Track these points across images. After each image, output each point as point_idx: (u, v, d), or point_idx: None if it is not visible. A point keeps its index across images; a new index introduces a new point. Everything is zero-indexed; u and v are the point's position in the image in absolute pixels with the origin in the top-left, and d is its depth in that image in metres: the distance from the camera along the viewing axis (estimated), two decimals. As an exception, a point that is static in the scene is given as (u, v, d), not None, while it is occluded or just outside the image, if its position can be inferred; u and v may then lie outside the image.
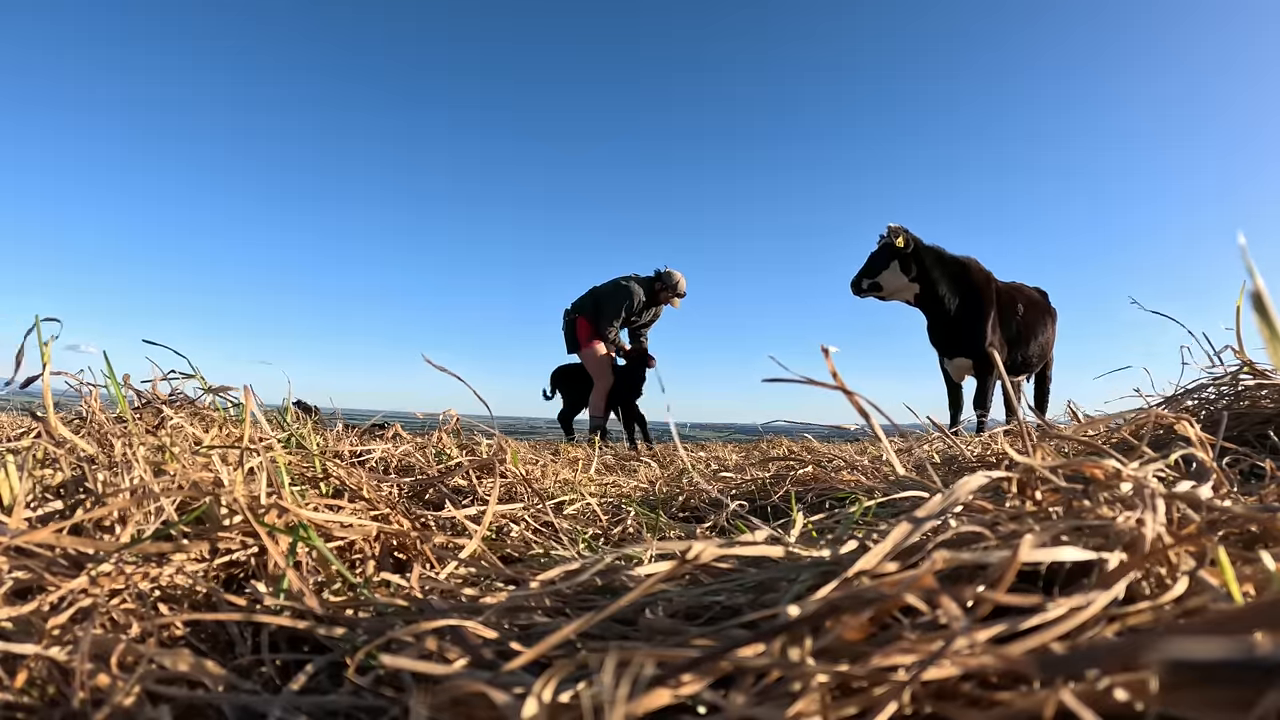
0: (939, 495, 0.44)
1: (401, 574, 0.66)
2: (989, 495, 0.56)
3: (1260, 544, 0.42)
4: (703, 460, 2.26)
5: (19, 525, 0.53)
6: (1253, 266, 0.30)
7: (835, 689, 0.32)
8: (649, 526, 1.07)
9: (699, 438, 5.63)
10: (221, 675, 0.41)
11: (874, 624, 0.35)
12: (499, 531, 0.91)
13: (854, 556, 0.45)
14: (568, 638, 0.35)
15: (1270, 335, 0.28)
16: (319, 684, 0.44)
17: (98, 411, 0.86)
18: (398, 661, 0.35)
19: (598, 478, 1.69)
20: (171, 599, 0.54)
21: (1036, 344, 4.38)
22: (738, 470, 1.77)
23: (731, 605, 0.46)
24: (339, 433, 1.51)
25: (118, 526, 0.59)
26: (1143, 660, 0.25)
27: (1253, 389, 1.02)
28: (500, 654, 0.42)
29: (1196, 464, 0.61)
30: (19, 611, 0.45)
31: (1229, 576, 0.35)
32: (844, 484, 1.13)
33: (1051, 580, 0.41)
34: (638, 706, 0.30)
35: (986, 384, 4.14)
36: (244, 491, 0.64)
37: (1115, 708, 0.27)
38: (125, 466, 0.68)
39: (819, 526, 0.73)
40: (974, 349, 4.10)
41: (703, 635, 0.38)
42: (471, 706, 0.34)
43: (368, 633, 0.46)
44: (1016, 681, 0.32)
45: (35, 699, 0.40)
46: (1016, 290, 4.41)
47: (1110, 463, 0.47)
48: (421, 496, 1.08)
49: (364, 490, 0.83)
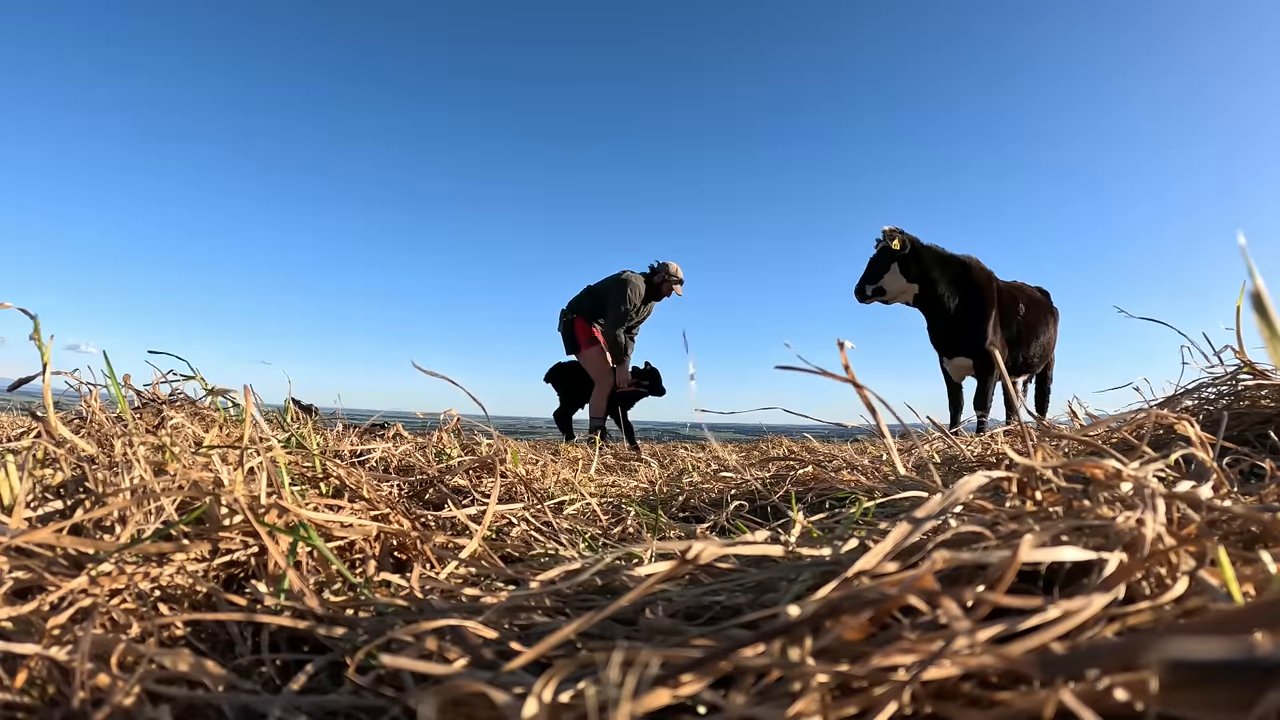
0: (939, 495, 0.44)
1: (401, 574, 0.66)
2: (989, 495, 0.56)
3: (1260, 544, 0.42)
4: (703, 460, 2.26)
5: (19, 525, 0.53)
6: (1253, 266, 0.30)
7: (835, 689, 0.32)
8: (649, 526, 1.07)
9: (699, 438, 5.64)
10: (221, 675, 0.41)
11: (874, 624, 0.35)
12: (499, 531, 0.91)
13: (854, 556, 0.45)
14: (568, 638, 0.35)
15: (1270, 335, 0.28)
16: (319, 684, 0.44)
17: (98, 411, 0.86)
18: (398, 661, 0.35)
19: (598, 478, 1.69)
20: (171, 599, 0.54)
21: (1038, 344, 4.36)
22: (738, 470, 1.77)
23: (731, 605, 0.46)
24: (339, 433, 1.51)
25: (118, 526, 0.59)
26: (1143, 660, 0.25)
27: (1252, 389, 1.02)
28: (500, 654, 0.42)
29: (1196, 464, 0.61)
30: (19, 611, 0.45)
31: (1229, 576, 0.35)
32: (844, 484, 1.13)
33: (1052, 580, 0.41)
34: (640, 705, 0.30)
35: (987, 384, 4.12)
36: (244, 491, 0.64)
37: (1115, 708, 0.27)
38: (125, 466, 0.68)
39: (819, 526, 0.73)
40: (975, 348, 4.08)
41: (703, 635, 0.38)
42: (471, 706, 0.34)
43: (368, 633, 0.46)
44: (1016, 681, 0.32)
45: (35, 699, 0.40)
46: (1018, 290, 4.40)
47: (1110, 463, 0.47)
48: (421, 496, 1.08)
49: (364, 490, 0.83)
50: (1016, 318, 4.24)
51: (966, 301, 4.12)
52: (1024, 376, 4.57)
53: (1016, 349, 4.27)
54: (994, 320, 4.11)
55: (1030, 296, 4.45)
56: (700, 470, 1.86)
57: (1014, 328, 4.23)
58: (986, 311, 4.09)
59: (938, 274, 4.09)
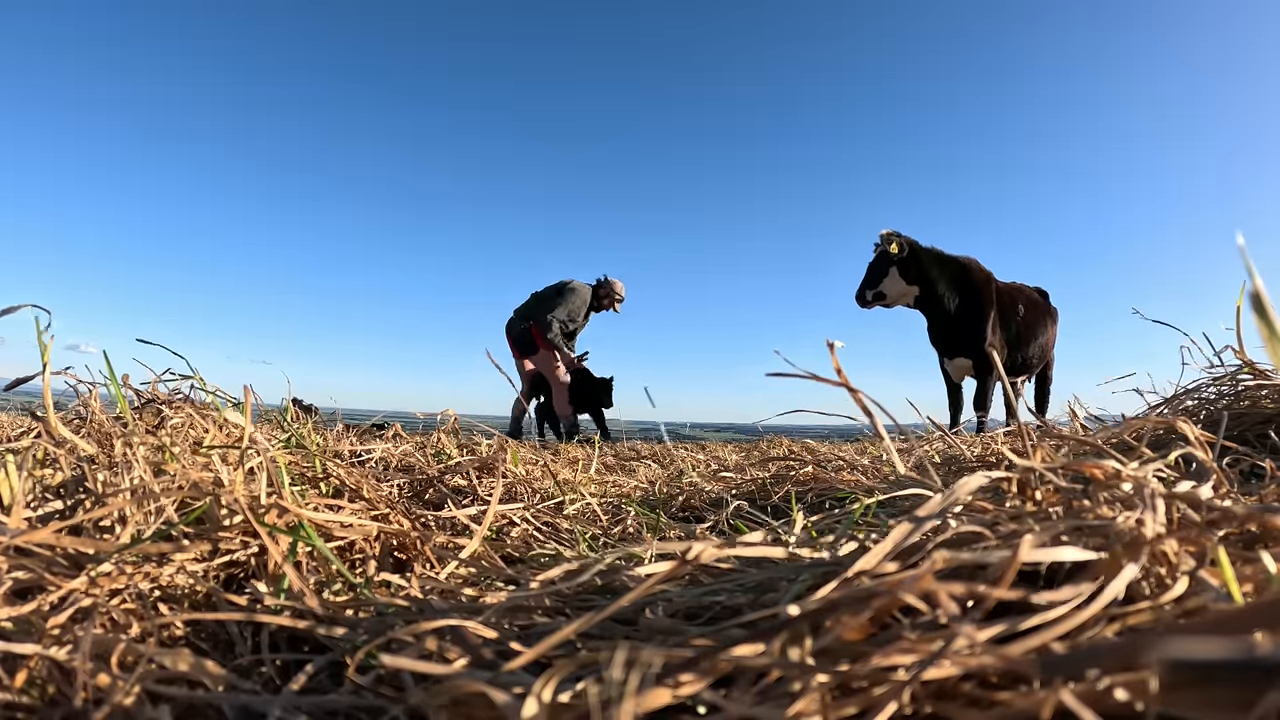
0: (939, 495, 0.44)
1: (401, 574, 0.66)
2: (989, 495, 0.56)
3: (1260, 544, 0.42)
4: (702, 460, 2.26)
5: (19, 525, 0.53)
6: (1252, 266, 0.30)
7: (835, 689, 0.32)
8: (649, 526, 1.07)
9: (699, 438, 5.66)
10: (221, 675, 0.41)
11: (874, 624, 0.35)
12: (499, 531, 0.91)
13: (854, 556, 0.45)
14: (568, 638, 0.35)
15: (1269, 335, 0.28)
16: (319, 684, 0.44)
17: (97, 411, 0.86)
18: (398, 661, 0.35)
19: (598, 477, 1.69)
20: (171, 599, 0.54)
21: (1036, 345, 4.37)
22: (738, 470, 1.77)
23: (731, 605, 0.46)
24: (339, 433, 1.51)
25: (118, 526, 0.59)
26: (1143, 660, 0.25)
27: (1253, 389, 1.02)
28: (500, 654, 0.42)
29: (1197, 464, 0.61)
30: (19, 611, 0.45)
31: (1229, 576, 0.35)
32: (844, 484, 1.13)
33: (1052, 580, 0.41)
34: (641, 705, 0.30)
35: (986, 384, 4.13)
36: (244, 491, 0.64)
37: (1115, 708, 0.27)
38: (125, 466, 0.68)
39: (819, 526, 0.73)
40: (974, 349, 4.09)
41: (703, 635, 0.38)
42: (471, 707, 0.34)
43: (368, 633, 0.46)
44: (1016, 681, 0.32)
45: (35, 699, 0.40)
46: (1017, 291, 4.41)
47: (1110, 463, 0.47)
48: (421, 496, 1.08)
49: (364, 490, 0.83)
50: (1016, 318, 4.25)
51: (966, 302, 4.12)
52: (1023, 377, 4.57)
53: (1015, 349, 4.27)
54: (993, 321, 4.12)
55: (1029, 297, 4.46)
56: (700, 470, 1.86)
57: (1013, 328, 4.23)
58: (986, 312, 4.09)
59: (937, 275, 4.10)
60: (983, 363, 4.10)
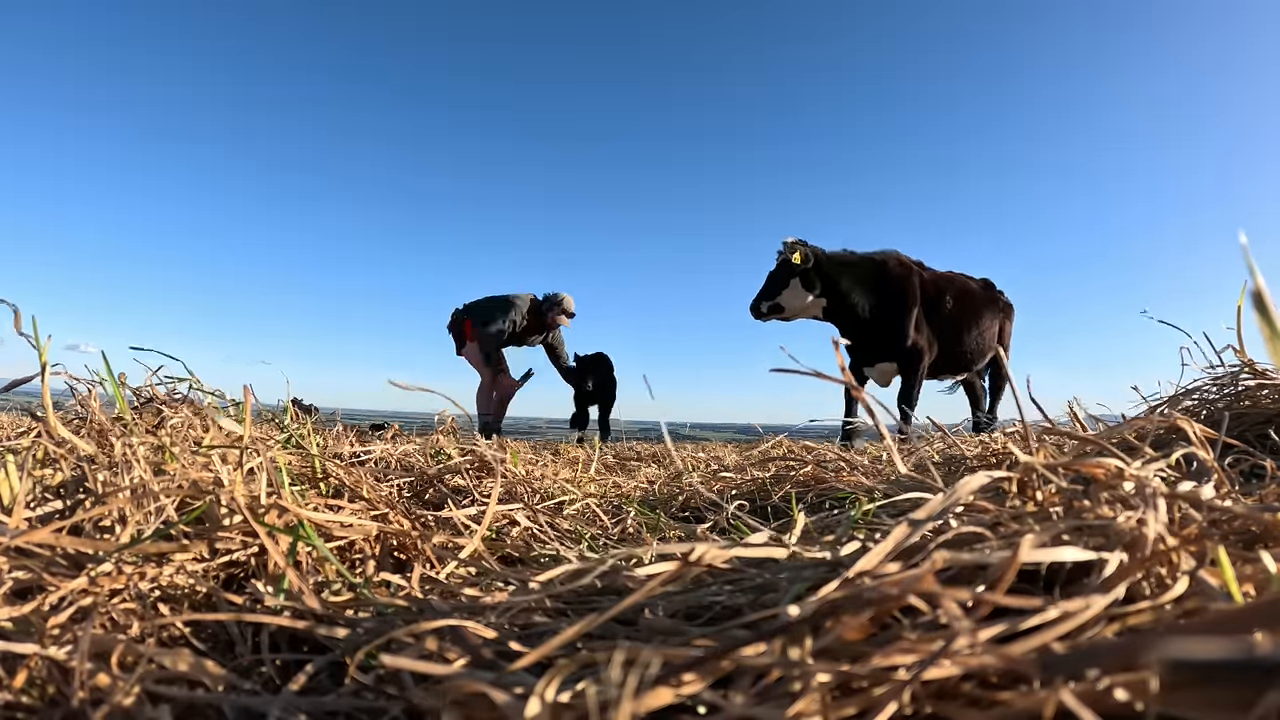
0: (940, 495, 0.44)
1: (401, 574, 0.66)
2: (990, 495, 0.56)
3: (1260, 544, 0.42)
4: (702, 460, 2.26)
5: (19, 525, 0.53)
6: (1253, 265, 0.30)
7: (835, 689, 0.32)
8: (649, 527, 1.07)
9: (699, 438, 5.68)
10: (221, 675, 0.41)
11: (874, 624, 0.35)
12: (499, 531, 0.91)
13: (855, 557, 0.45)
14: (570, 639, 0.35)
15: (1270, 334, 0.28)
16: (319, 684, 0.44)
17: (97, 411, 0.86)
18: (398, 661, 0.35)
19: (598, 478, 1.69)
20: (171, 599, 0.54)
21: (973, 337, 4.06)
22: (738, 470, 1.77)
23: (732, 605, 0.45)
24: (339, 433, 1.51)
25: (118, 526, 0.59)
26: (1143, 660, 0.25)
27: (1253, 389, 1.02)
28: (500, 654, 0.42)
29: (1198, 464, 0.61)
30: (19, 611, 0.45)
31: (1229, 576, 0.35)
32: (844, 484, 1.13)
33: (1052, 580, 0.41)
34: (641, 704, 0.30)
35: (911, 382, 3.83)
36: (244, 491, 0.64)
37: (1115, 708, 0.27)
38: (125, 466, 0.68)
39: (820, 527, 0.73)
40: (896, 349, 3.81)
41: (704, 635, 0.38)
42: (472, 707, 0.34)
43: (368, 633, 0.46)
44: (1017, 681, 0.31)
45: (35, 699, 0.40)
46: (947, 281, 4.10)
47: (1112, 462, 0.47)
48: (421, 496, 1.08)
49: (364, 490, 0.83)
50: (944, 310, 3.95)
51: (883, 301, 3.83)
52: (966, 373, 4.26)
53: (948, 342, 3.97)
54: (916, 316, 3.82)
55: (961, 288, 4.13)
56: (700, 470, 1.86)
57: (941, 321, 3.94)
58: (907, 307, 3.80)
59: (848, 283, 3.81)
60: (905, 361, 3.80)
